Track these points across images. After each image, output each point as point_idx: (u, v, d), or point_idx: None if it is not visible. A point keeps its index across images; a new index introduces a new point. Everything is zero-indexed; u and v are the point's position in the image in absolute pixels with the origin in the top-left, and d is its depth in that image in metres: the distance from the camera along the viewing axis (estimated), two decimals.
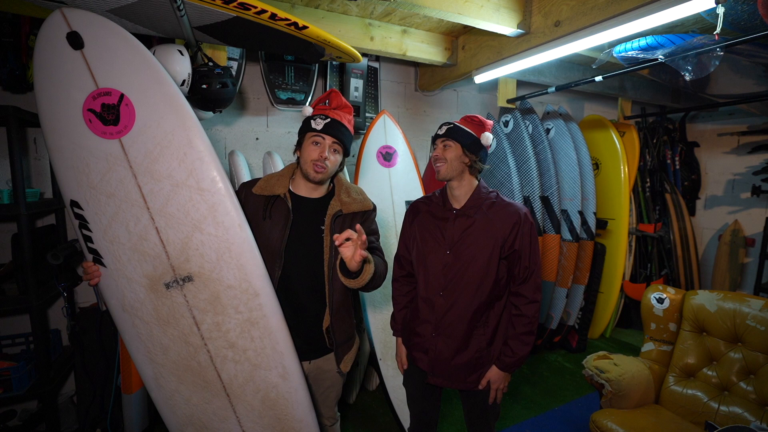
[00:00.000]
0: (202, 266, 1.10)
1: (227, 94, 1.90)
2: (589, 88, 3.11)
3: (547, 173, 2.84)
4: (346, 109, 1.33)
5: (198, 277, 1.11)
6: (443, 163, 1.34)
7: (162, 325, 1.12)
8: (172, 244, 1.09)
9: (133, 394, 1.89)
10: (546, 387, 2.69)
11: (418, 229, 1.43)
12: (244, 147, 2.55)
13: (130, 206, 1.07)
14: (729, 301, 1.85)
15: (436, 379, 1.39)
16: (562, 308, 3.04)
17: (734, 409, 1.68)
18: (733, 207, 3.80)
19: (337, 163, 1.31)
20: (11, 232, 1.93)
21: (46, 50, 1.03)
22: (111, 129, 1.03)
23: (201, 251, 1.10)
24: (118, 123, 1.03)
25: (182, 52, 1.78)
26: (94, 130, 1.03)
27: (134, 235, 1.08)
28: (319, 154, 1.24)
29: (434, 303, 1.36)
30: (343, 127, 1.28)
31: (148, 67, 1.06)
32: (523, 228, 1.31)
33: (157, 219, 1.08)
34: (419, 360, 1.42)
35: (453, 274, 1.33)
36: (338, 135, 1.26)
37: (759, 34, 1.61)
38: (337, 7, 2.17)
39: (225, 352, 1.14)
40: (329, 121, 1.25)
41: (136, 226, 1.08)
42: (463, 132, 1.34)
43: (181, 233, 1.09)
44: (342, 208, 1.31)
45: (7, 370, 1.79)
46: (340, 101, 1.33)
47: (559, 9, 1.90)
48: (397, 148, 2.49)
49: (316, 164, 1.24)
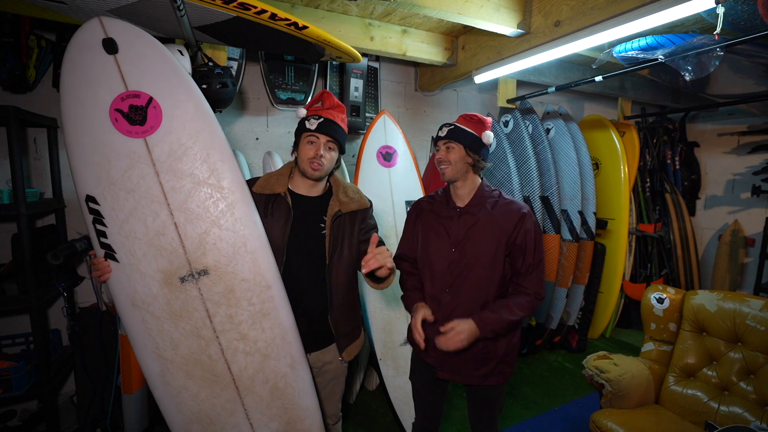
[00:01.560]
0: (218, 260, 1.15)
1: (227, 94, 1.90)
2: (589, 88, 3.11)
3: (547, 173, 2.84)
4: (338, 109, 1.38)
5: (214, 271, 1.15)
6: (448, 166, 1.36)
7: (174, 320, 1.14)
8: (189, 239, 1.13)
9: (133, 394, 1.89)
10: (546, 387, 2.69)
11: (422, 227, 1.45)
12: (244, 147, 2.55)
13: (149, 202, 1.11)
14: (729, 301, 1.85)
15: (444, 374, 1.40)
16: (562, 308, 3.04)
17: (734, 409, 1.68)
18: (733, 207, 3.80)
19: (333, 161, 1.35)
20: (11, 232, 1.93)
21: (78, 52, 1.08)
22: (137, 128, 1.09)
23: (218, 246, 1.15)
24: (145, 123, 1.09)
25: (182, 52, 1.78)
26: (120, 129, 1.08)
27: (152, 230, 1.11)
28: (314, 152, 1.29)
29: (440, 300, 1.37)
30: (337, 126, 1.33)
31: (178, 76, 1.14)
32: (526, 224, 1.33)
33: (176, 215, 1.12)
34: (427, 355, 1.42)
35: (459, 271, 1.35)
36: (332, 133, 1.31)
37: (759, 34, 1.61)
38: (337, 7, 2.17)
39: (236, 344, 1.18)
40: (322, 120, 1.30)
41: (155, 221, 1.11)
42: (464, 132, 1.35)
43: (200, 228, 1.13)
44: (341, 208, 1.36)
45: (7, 370, 1.79)
46: (332, 101, 1.38)
47: (559, 9, 1.90)
48: (397, 148, 2.49)
49: (312, 162, 1.29)
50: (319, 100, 1.40)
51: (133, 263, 1.12)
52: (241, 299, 1.17)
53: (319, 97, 1.40)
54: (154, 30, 1.65)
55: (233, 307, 1.17)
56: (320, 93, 1.40)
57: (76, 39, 1.08)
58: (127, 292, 1.12)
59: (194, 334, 1.16)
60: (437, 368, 1.41)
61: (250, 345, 1.18)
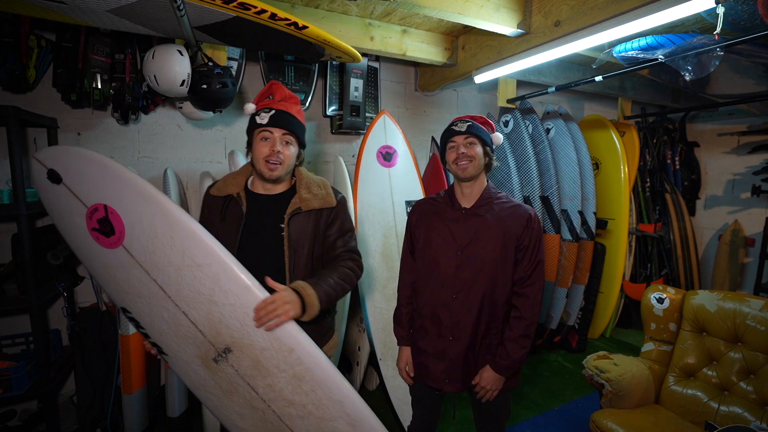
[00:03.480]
0: (232, 336, 1.10)
1: (227, 94, 1.90)
2: (589, 88, 3.11)
3: (547, 173, 2.84)
4: (291, 100, 1.26)
5: (234, 347, 1.11)
6: (470, 161, 1.29)
7: (228, 396, 1.16)
8: (201, 323, 1.10)
9: (133, 394, 1.89)
10: (546, 387, 2.69)
11: (425, 230, 1.39)
12: (244, 147, 2.54)
13: (157, 300, 1.12)
14: (729, 301, 1.85)
15: (451, 387, 1.35)
16: (562, 308, 3.04)
17: (734, 409, 1.68)
18: (733, 207, 3.80)
19: (293, 156, 1.22)
20: (11, 232, 1.93)
21: (45, 194, 1.15)
22: (113, 239, 1.10)
23: (225, 322, 1.09)
24: (115, 232, 1.09)
25: (182, 52, 1.78)
26: (103, 244, 1.11)
27: (171, 323, 1.13)
28: (270, 148, 1.17)
29: (449, 306, 1.33)
30: (291, 117, 1.21)
31: (112, 172, 1.10)
32: (534, 227, 1.31)
33: (180, 304, 1.11)
34: (432, 367, 1.37)
35: (466, 275, 1.30)
36: (287, 125, 1.18)
37: (759, 34, 1.61)
38: (337, 7, 2.17)
39: (288, 410, 1.14)
40: (274, 113, 1.18)
41: (169, 315, 1.12)
42: (482, 129, 1.34)
43: (202, 311, 1.10)
44: (301, 206, 1.21)
45: (7, 370, 1.79)
46: (283, 93, 1.26)
47: (559, 9, 1.90)
48: (397, 148, 2.48)
49: (269, 161, 1.17)
50: (268, 92, 1.27)
51: (176, 354, 1.16)
52: (270, 368, 1.11)
53: (268, 88, 1.27)
54: (154, 30, 1.65)
55: (268, 377, 1.12)
56: (269, 84, 1.27)
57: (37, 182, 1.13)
58: (187, 378, 1.19)
59: (249, 405, 1.16)
60: (445, 380, 1.36)
61: (301, 409, 1.13)
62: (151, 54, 1.77)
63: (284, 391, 1.12)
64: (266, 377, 1.12)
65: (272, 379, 1.12)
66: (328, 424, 1.13)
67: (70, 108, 2.10)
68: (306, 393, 1.11)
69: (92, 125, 2.19)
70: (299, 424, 1.15)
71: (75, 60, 1.93)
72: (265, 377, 1.12)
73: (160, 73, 1.75)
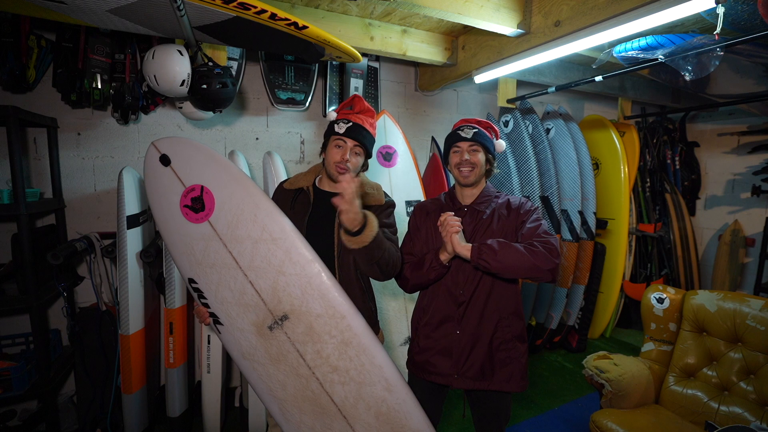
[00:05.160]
0: (292, 303, 1.25)
1: (227, 94, 1.90)
2: (589, 88, 3.11)
3: (547, 173, 2.84)
4: (368, 113, 1.40)
5: (292, 314, 1.26)
6: (472, 169, 1.36)
7: (275, 363, 1.28)
8: (265, 292, 1.27)
9: (133, 394, 1.89)
10: (546, 387, 2.69)
11: (428, 229, 1.43)
12: (244, 147, 2.55)
13: (227, 270, 1.29)
14: (729, 301, 1.85)
15: (460, 382, 1.36)
16: (562, 308, 3.04)
17: (734, 409, 1.68)
18: (733, 207, 3.80)
19: (358, 165, 1.37)
20: (11, 232, 1.93)
21: (151, 174, 1.36)
22: (201, 215, 1.32)
23: (288, 291, 1.25)
24: (205, 209, 1.31)
25: (182, 52, 1.78)
26: (191, 219, 1.32)
27: (236, 292, 1.29)
28: (341, 156, 1.32)
29: (456, 301, 1.36)
30: (365, 131, 1.35)
31: (215, 160, 1.34)
32: (527, 207, 1.36)
33: (249, 274, 1.28)
34: (439, 364, 1.38)
35: (471, 269, 1.33)
36: (359, 138, 1.33)
37: (759, 34, 1.61)
38: (337, 7, 2.17)
39: (331, 377, 1.25)
40: (351, 125, 1.33)
41: (236, 284, 1.29)
42: (486, 137, 1.37)
43: (269, 280, 1.27)
44: None
45: (7, 370, 1.79)
46: (362, 106, 1.40)
47: (559, 9, 1.90)
48: (397, 148, 2.49)
49: (338, 166, 1.32)
50: (350, 103, 1.42)
51: (232, 323, 1.30)
52: (322, 333, 1.24)
53: (350, 100, 1.42)
54: (154, 30, 1.66)
55: (318, 343, 1.25)
56: (351, 97, 1.43)
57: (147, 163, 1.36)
58: (236, 347, 1.31)
59: (294, 373, 1.27)
60: (454, 375, 1.36)
61: (343, 375, 1.25)
62: (151, 54, 1.77)
63: (330, 357, 1.25)
64: (316, 343, 1.25)
65: (321, 345, 1.25)
66: (367, 390, 1.24)
67: (70, 108, 2.10)
68: (350, 358, 1.24)
69: (92, 125, 2.20)
70: (339, 391, 1.25)
71: (75, 60, 1.93)
72: (316, 343, 1.25)
73: (160, 73, 1.75)
